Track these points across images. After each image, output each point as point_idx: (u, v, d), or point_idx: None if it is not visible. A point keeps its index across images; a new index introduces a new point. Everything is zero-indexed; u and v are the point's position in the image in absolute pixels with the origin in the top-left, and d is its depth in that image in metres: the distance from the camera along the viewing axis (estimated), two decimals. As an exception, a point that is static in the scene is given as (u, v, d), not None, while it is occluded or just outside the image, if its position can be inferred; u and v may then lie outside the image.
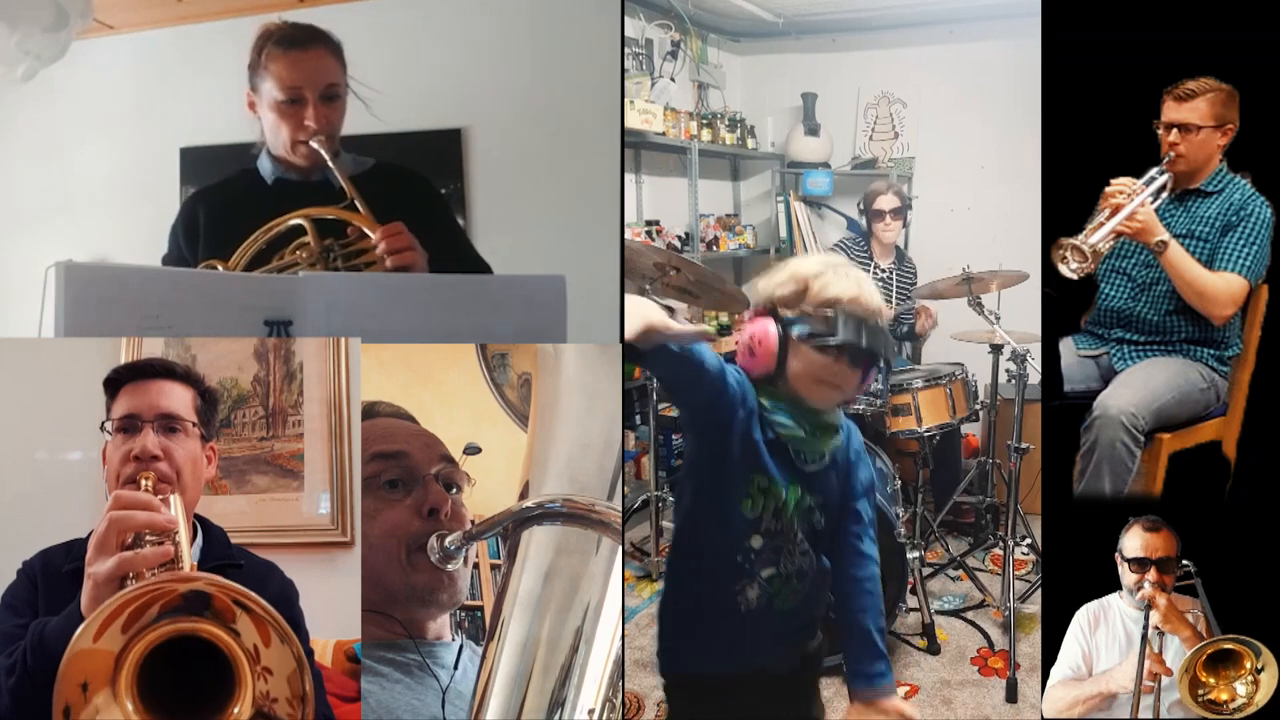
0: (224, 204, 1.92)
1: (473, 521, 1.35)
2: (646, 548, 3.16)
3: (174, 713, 1.05)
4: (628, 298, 1.23)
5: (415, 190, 1.99)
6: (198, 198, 1.98)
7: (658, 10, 3.97)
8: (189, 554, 1.18)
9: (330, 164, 1.82)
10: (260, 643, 1.05)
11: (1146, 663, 1.66)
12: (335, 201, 1.81)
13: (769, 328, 1.38)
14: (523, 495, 1.27)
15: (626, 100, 3.44)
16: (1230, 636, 1.62)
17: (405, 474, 1.36)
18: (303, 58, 1.83)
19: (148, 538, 1.15)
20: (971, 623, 2.89)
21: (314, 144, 1.82)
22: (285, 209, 1.81)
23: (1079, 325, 2.44)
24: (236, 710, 1.05)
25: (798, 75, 4.51)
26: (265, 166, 1.94)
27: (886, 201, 3.56)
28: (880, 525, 2.58)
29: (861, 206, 3.67)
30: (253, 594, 1.06)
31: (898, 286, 3.62)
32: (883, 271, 3.62)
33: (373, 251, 1.74)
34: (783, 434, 1.41)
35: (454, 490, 1.38)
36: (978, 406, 3.25)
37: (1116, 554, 1.81)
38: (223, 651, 1.05)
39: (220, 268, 1.80)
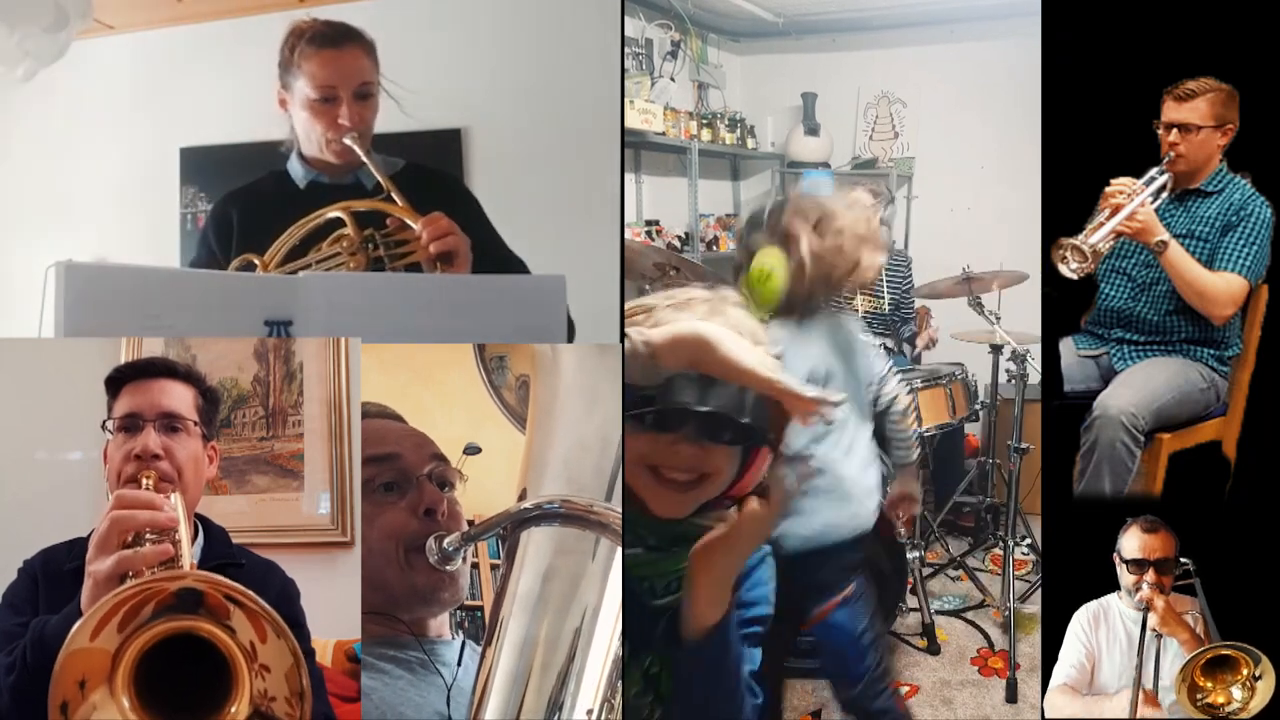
0: (257, 206, 1.91)
1: (470, 521, 1.35)
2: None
3: (172, 711, 1.05)
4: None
5: (448, 191, 1.99)
6: (229, 200, 1.96)
7: (658, 10, 3.97)
8: (189, 552, 1.18)
9: (365, 160, 1.81)
10: (256, 639, 1.04)
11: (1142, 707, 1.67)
12: None
13: None
14: (521, 496, 1.27)
15: (626, 100, 3.44)
16: (1229, 643, 1.62)
17: (399, 476, 1.36)
18: (337, 56, 1.82)
19: (148, 536, 1.15)
20: (971, 623, 2.89)
21: (348, 141, 1.82)
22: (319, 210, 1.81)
23: (1079, 325, 2.44)
24: (234, 710, 1.04)
25: (798, 75, 4.52)
26: (297, 170, 1.93)
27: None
28: (880, 525, 2.60)
29: None
30: (243, 588, 1.05)
31: (890, 282, 3.63)
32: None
33: (415, 241, 1.73)
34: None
35: (448, 488, 1.38)
36: (978, 406, 3.26)
37: (1115, 555, 1.81)
38: (219, 649, 1.04)
39: (256, 262, 1.79)
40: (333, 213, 1.79)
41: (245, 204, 1.93)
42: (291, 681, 1.04)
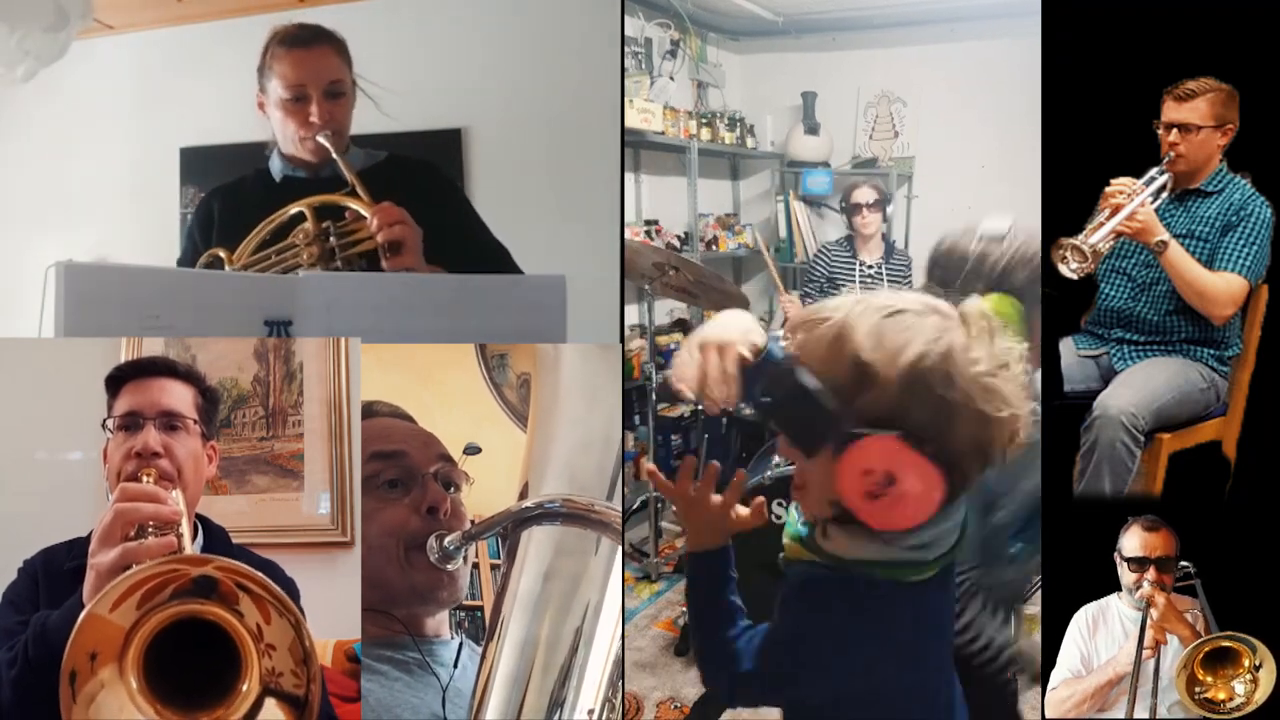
0: (237, 202, 1.94)
1: (472, 521, 1.35)
2: (645, 549, 3.16)
3: (179, 697, 1.06)
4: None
5: (429, 181, 2.01)
6: (212, 196, 2.00)
7: (657, 9, 3.97)
8: (191, 548, 1.18)
9: (336, 157, 1.84)
10: (262, 620, 1.06)
11: (1147, 638, 1.67)
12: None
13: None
14: (522, 495, 1.27)
15: (626, 99, 3.44)
16: (1227, 634, 1.62)
17: (404, 473, 1.36)
18: (306, 56, 1.85)
19: (150, 529, 1.16)
20: (971, 622, 2.89)
21: (320, 139, 1.84)
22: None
23: (1079, 325, 2.44)
24: (244, 688, 1.06)
25: (797, 74, 4.51)
26: (275, 165, 1.97)
27: (863, 195, 3.59)
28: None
29: (843, 204, 3.71)
30: (254, 572, 1.07)
31: (889, 281, 3.63)
32: (869, 268, 3.62)
33: (366, 230, 1.76)
34: None
35: (452, 489, 1.38)
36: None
37: (1116, 553, 1.82)
38: (229, 636, 1.06)
39: (224, 257, 1.83)
40: (296, 208, 1.82)
41: (226, 200, 1.97)
42: (295, 653, 1.06)
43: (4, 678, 1.11)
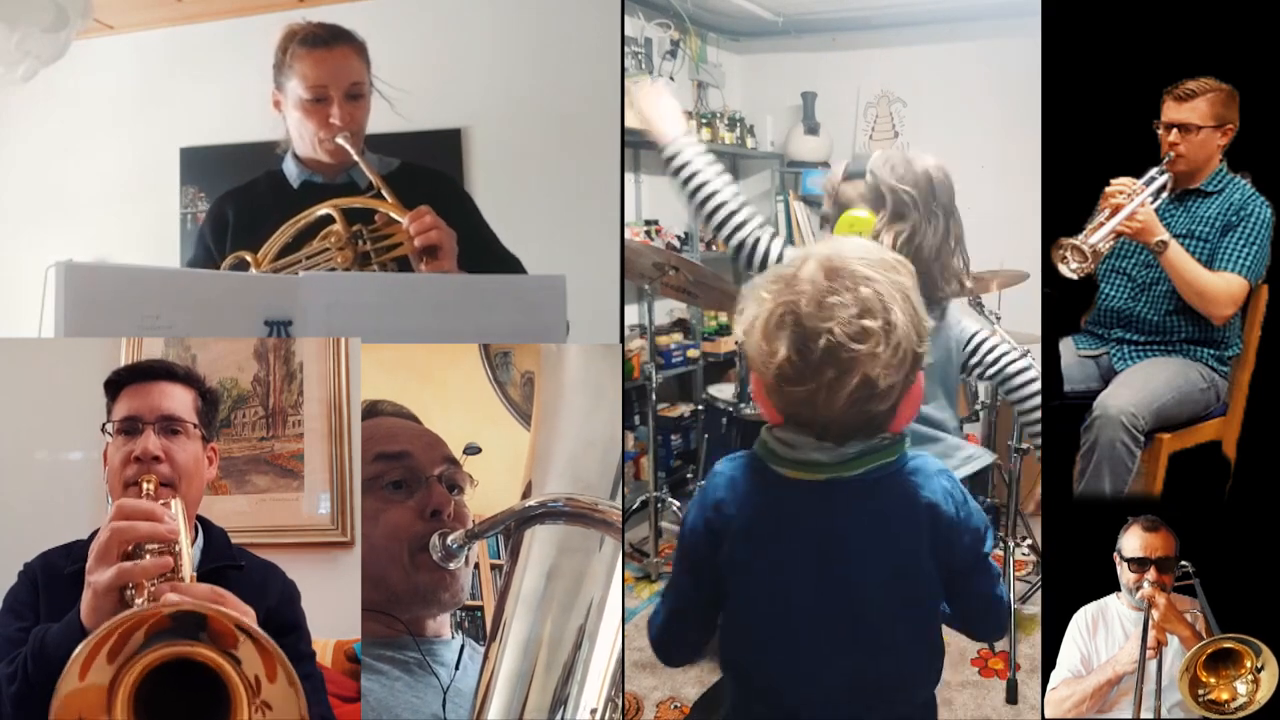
0: (252, 206, 1.94)
1: (474, 522, 1.35)
2: (645, 548, 3.16)
3: None
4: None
5: (442, 190, 2.00)
6: (225, 200, 2.00)
7: (657, 9, 3.97)
8: (190, 561, 1.17)
9: (357, 159, 1.84)
10: (265, 676, 1.01)
11: (1150, 636, 1.67)
12: None
13: None
14: (525, 494, 1.27)
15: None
16: (1230, 635, 1.62)
17: (408, 475, 1.36)
18: (328, 56, 1.85)
19: (148, 547, 1.14)
20: (971, 623, 2.89)
21: (340, 140, 1.84)
22: None
23: (1079, 325, 2.44)
24: None
25: (797, 74, 4.51)
26: (291, 170, 1.96)
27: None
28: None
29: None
30: (259, 630, 1.03)
31: None
32: None
33: (401, 235, 1.76)
34: None
35: (456, 491, 1.38)
36: (978, 407, 3.25)
37: (1115, 554, 1.81)
38: (218, 678, 1.01)
39: (249, 259, 1.82)
40: (323, 210, 1.81)
41: (240, 204, 1.96)
42: None
43: (4, 694, 1.10)
